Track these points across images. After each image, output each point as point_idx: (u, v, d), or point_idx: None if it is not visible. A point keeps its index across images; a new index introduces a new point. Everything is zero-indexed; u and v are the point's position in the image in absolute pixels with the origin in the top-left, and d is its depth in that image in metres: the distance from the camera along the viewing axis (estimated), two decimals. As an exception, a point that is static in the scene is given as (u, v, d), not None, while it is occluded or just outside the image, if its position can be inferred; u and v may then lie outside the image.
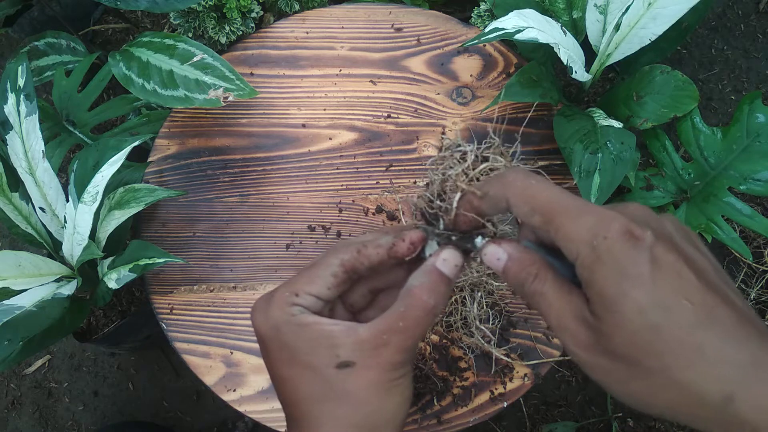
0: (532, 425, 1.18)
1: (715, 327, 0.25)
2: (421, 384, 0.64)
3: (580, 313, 0.28)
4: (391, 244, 0.33)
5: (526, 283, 0.30)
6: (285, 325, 0.31)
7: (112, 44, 1.40)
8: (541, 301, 0.30)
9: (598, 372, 0.28)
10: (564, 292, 0.29)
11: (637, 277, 0.26)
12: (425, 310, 0.31)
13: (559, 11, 0.80)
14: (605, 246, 0.26)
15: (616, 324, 0.26)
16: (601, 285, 0.26)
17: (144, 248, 0.66)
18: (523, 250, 0.31)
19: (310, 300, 0.32)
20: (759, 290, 1.18)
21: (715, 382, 0.25)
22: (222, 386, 0.66)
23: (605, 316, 0.27)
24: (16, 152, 0.67)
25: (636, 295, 0.26)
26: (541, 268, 0.30)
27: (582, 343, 0.28)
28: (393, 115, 0.75)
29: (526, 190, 0.29)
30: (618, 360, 0.27)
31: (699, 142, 0.83)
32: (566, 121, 0.71)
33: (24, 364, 1.24)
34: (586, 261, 0.27)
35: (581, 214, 0.28)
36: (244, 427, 1.18)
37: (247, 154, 0.74)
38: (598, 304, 0.27)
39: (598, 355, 0.27)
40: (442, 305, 0.31)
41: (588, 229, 0.27)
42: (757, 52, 1.36)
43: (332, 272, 0.32)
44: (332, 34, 0.78)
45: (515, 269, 0.30)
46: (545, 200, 0.28)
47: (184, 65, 0.69)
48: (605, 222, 0.27)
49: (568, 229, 0.28)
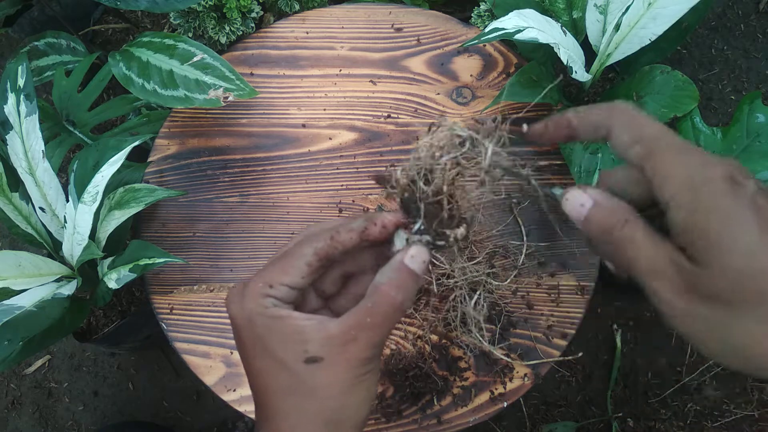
0: (532, 425, 1.18)
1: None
2: (421, 383, 0.64)
3: (677, 258, 0.27)
4: (363, 227, 0.33)
5: (614, 229, 0.28)
6: (258, 318, 0.32)
7: (112, 44, 1.40)
8: (630, 248, 0.28)
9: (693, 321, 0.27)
10: (656, 238, 0.28)
11: (743, 222, 0.25)
12: (393, 306, 0.31)
13: (559, 11, 0.80)
14: (708, 188, 0.26)
15: (721, 267, 0.26)
16: (705, 227, 0.26)
17: (144, 248, 0.66)
18: (609, 196, 0.30)
19: (283, 291, 0.32)
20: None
21: None
22: (222, 386, 0.66)
23: (710, 260, 0.26)
24: (16, 152, 0.67)
25: (743, 238, 0.25)
26: (631, 214, 0.29)
27: (678, 289, 0.27)
28: (393, 115, 0.75)
29: (635, 119, 0.28)
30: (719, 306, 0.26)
31: (699, 142, 0.83)
32: (566, 121, 0.71)
33: (24, 364, 1.24)
34: (686, 201, 0.26)
35: (685, 152, 0.27)
36: (244, 427, 1.18)
37: (247, 154, 0.74)
38: (700, 248, 0.26)
39: (696, 301, 0.26)
40: (409, 301, 0.31)
41: (690, 167, 0.26)
42: (757, 52, 1.36)
43: (306, 261, 0.32)
44: (332, 34, 0.78)
45: (602, 215, 0.29)
46: (652, 132, 0.28)
47: (184, 65, 0.69)
48: (710, 165, 0.26)
49: (669, 165, 0.27)
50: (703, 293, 0.26)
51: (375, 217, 0.33)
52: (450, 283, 0.66)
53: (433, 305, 0.67)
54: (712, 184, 0.26)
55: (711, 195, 0.26)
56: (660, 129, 0.28)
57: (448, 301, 0.66)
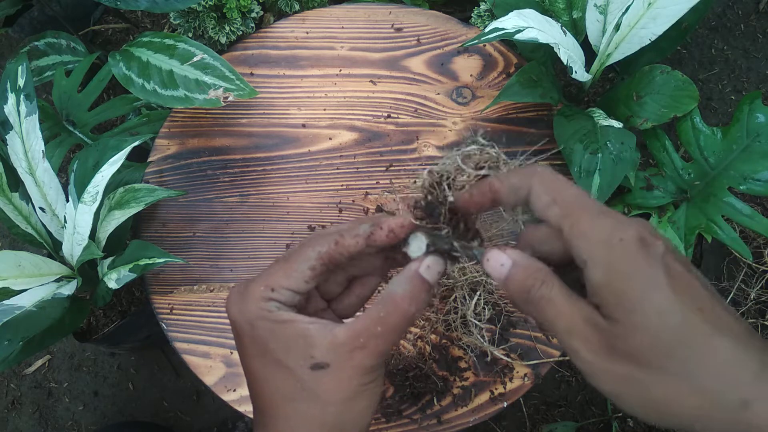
0: (532, 425, 1.18)
1: (726, 334, 0.26)
2: (421, 383, 0.64)
3: (592, 317, 0.28)
4: (369, 232, 0.32)
5: (532, 289, 0.29)
6: (260, 321, 0.31)
7: (112, 44, 1.40)
8: (548, 308, 0.29)
9: (612, 379, 0.28)
10: (572, 298, 0.29)
11: (655, 281, 0.26)
12: (405, 317, 0.30)
13: (559, 11, 0.80)
14: (621, 248, 0.27)
15: (634, 325, 0.26)
16: (618, 285, 0.26)
17: (144, 248, 0.66)
18: (527, 257, 0.30)
19: (286, 294, 0.32)
20: (759, 290, 1.18)
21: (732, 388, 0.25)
22: (222, 386, 0.66)
23: (623, 318, 0.26)
24: (16, 152, 0.67)
25: (655, 297, 0.26)
26: (548, 275, 0.29)
27: (595, 348, 0.27)
28: (393, 115, 0.75)
29: (553, 182, 0.29)
30: (635, 365, 0.27)
31: (699, 142, 0.83)
32: (566, 121, 0.71)
33: (24, 364, 1.24)
34: (601, 260, 0.27)
35: (600, 214, 0.28)
36: (244, 427, 1.18)
37: (247, 154, 0.74)
38: (613, 306, 0.27)
39: (613, 360, 0.27)
40: (420, 312, 0.31)
41: (605, 228, 0.27)
42: (757, 52, 1.36)
43: (309, 265, 0.32)
44: (332, 34, 0.78)
45: (520, 276, 0.30)
46: (569, 195, 0.29)
47: (184, 65, 0.69)
48: (623, 225, 0.27)
49: (584, 225, 0.28)
50: (618, 351, 0.27)
51: (381, 222, 0.32)
52: (450, 283, 0.66)
53: (433, 305, 0.67)
54: (625, 245, 0.27)
55: (624, 255, 0.27)
56: (577, 192, 0.29)
57: (448, 302, 0.66)
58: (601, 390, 0.28)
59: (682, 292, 0.26)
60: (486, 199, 0.31)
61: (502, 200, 0.31)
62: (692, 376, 0.26)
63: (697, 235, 0.84)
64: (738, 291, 1.20)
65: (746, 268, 1.22)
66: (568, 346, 0.29)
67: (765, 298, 1.18)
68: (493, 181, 0.31)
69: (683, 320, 0.26)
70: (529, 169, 0.30)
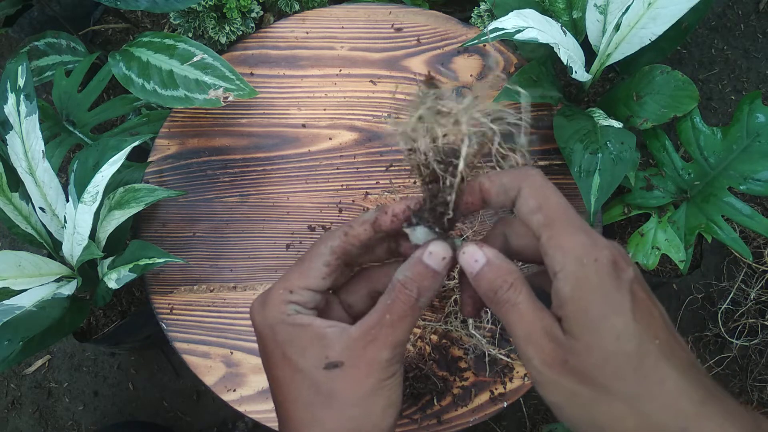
0: (532, 425, 1.18)
1: (676, 365, 0.27)
2: (421, 384, 0.64)
3: (551, 329, 0.28)
4: (374, 218, 0.32)
5: (500, 291, 0.29)
6: (279, 325, 0.31)
7: (112, 44, 1.40)
8: (511, 312, 0.29)
9: (559, 392, 0.28)
10: (536, 307, 0.29)
11: (619, 305, 0.27)
12: (410, 304, 0.30)
13: (559, 11, 0.80)
14: (594, 267, 0.27)
15: (590, 344, 0.27)
16: (582, 302, 0.27)
17: (144, 248, 0.66)
18: (502, 257, 0.30)
19: (306, 295, 0.32)
20: (759, 290, 1.18)
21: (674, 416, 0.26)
22: (222, 386, 0.66)
23: (581, 335, 0.27)
24: (16, 152, 0.67)
25: (616, 320, 0.27)
26: (518, 279, 0.29)
27: (549, 359, 0.28)
28: (393, 115, 0.75)
29: (542, 188, 0.29)
30: (585, 382, 0.27)
31: (699, 142, 0.83)
32: (566, 121, 0.71)
33: (24, 364, 1.24)
34: (572, 275, 0.27)
35: (580, 231, 0.28)
36: (244, 427, 1.18)
37: (247, 154, 0.74)
38: (575, 322, 0.27)
39: (563, 374, 0.28)
40: (427, 299, 0.31)
41: (582, 245, 0.28)
42: (757, 52, 1.36)
43: (324, 261, 0.32)
44: (332, 34, 0.78)
45: (491, 275, 0.30)
46: (554, 205, 0.29)
47: (184, 65, 0.69)
48: (599, 246, 0.28)
49: (563, 238, 0.28)
50: (570, 366, 0.27)
51: (386, 207, 0.32)
52: (450, 284, 0.66)
53: (433, 305, 0.67)
54: (598, 265, 0.27)
55: (595, 275, 0.27)
56: (563, 204, 0.29)
57: (448, 302, 0.66)
58: (546, 399, 0.29)
59: (642, 320, 0.27)
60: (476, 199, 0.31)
61: (491, 201, 0.31)
62: (637, 400, 0.27)
63: (697, 235, 0.84)
64: (738, 291, 1.20)
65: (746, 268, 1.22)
66: (522, 352, 0.29)
67: (765, 298, 1.18)
68: (483, 181, 0.31)
69: (639, 347, 0.27)
70: (521, 171, 0.30)
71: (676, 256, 0.84)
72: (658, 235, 0.86)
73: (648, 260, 0.86)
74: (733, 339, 1.19)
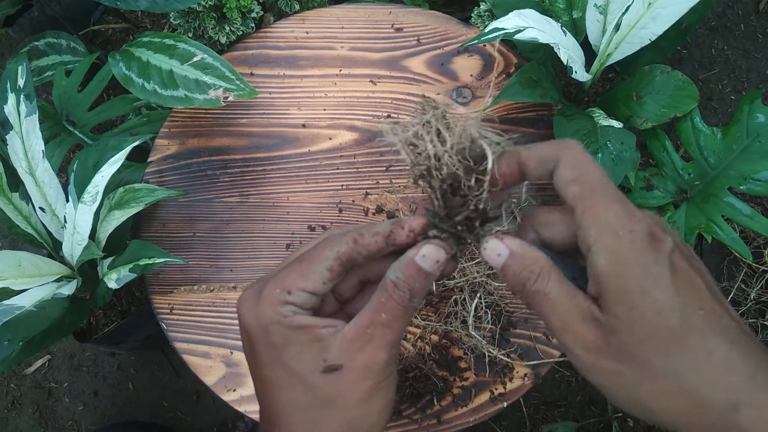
0: (532, 425, 1.18)
1: (724, 336, 0.26)
2: (421, 384, 0.64)
3: (588, 312, 0.27)
4: (389, 231, 0.31)
5: (527, 283, 0.28)
6: (274, 326, 0.30)
7: (112, 44, 1.40)
8: (543, 302, 0.28)
9: (603, 375, 0.28)
10: (569, 293, 0.28)
11: (659, 277, 0.26)
12: (403, 304, 0.30)
13: (559, 11, 0.80)
14: (629, 239, 0.26)
15: (632, 320, 0.26)
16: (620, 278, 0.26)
17: (144, 248, 0.66)
18: (526, 247, 0.29)
19: (303, 297, 0.30)
20: (759, 290, 1.18)
21: (723, 390, 0.25)
22: (222, 386, 0.66)
23: (621, 312, 0.26)
24: (16, 152, 0.67)
25: (657, 294, 0.26)
26: (545, 267, 0.28)
27: (589, 345, 0.27)
28: (393, 115, 0.75)
29: (581, 160, 0.29)
30: (627, 361, 0.26)
31: (699, 142, 0.83)
32: (566, 121, 0.71)
33: (24, 364, 1.24)
34: (607, 248, 0.26)
35: (615, 201, 0.27)
36: (244, 427, 1.18)
37: (247, 154, 0.74)
38: (613, 299, 0.26)
39: (606, 357, 0.27)
40: (420, 299, 0.30)
41: (616, 216, 0.27)
42: (757, 52, 1.36)
43: (327, 266, 0.30)
44: (332, 34, 0.78)
45: (516, 267, 0.29)
46: (593, 177, 0.28)
47: (184, 65, 0.69)
48: (635, 218, 0.27)
49: (598, 209, 0.27)
50: (612, 346, 0.27)
51: (402, 221, 0.31)
52: (450, 284, 0.66)
53: (433, 305, 0.67)
54: (634, 237, 0.26)
55: (631, 247, 0.26)
56: (601, 175, 0.28)
57: (448, 303, 0.66)
58: (592, 382, 0.29)
59: (685, 292, 0.26)
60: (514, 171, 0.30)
61: (530, 172, 0.30)
62: (682, 376, 0.26)
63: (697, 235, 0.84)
64: (738, 291, 1.20)
65: (746, 268, 1.22)
66: (561, 341, 0.28)
67: (765, 298, 1.18)
68: (522, 151, 0.30)
69: (682, 320, 0.26)
70: (560, 143, 0.29)
71: (676, 256, 0.84)
72: (658, 235, 0.86)
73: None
74: (733, 339, 1.19)
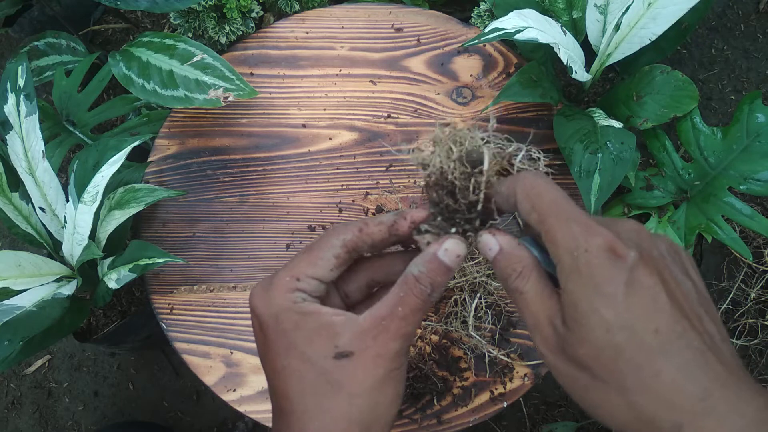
0: (532, 425, 1.18)
1: (675, 356, 0.26)
2: (421, 384, 0.64)
3: (553, 318, 0.29)
4: (393, 221, 0.32)
5: (509, 279, 0.30)
6: (285, 313, 0.31)
7: (112, 44, 1.40)
8: (519, 299, 0.30)
9: (562, 375, 0.29)
10: (544, 295, 0.30)
11: (610, 296, 0.26)
12: (423, 298, 0.31)
13: (559, 11, 0.80)
14: (585, 259, 0.27)
15: (582, 336, 0.27)
16: (573, 296, 0.27)
17: (144, 248, 0.66)
18: (515, 245, 0.31)
19: (312, 284, 0.32)
20: (759, 290, 1.18)
21: (668, 411, 0.26)
22: (222, 386, 0.66)
23: (574, 327, 0.27)
24: (16, 152, 0.67)
25: (605, 313, 0.26)
26: (527, 267, 0.30)
27: (550, 346, 0.29)
28: (393, 115, 0.75)
29: (533, 188, 0.29)
30: (581, 369, 0.28)
31: (699, 142, 0.83)
32: (566, 121, 0.71)
33: (24, 364, 1.24)
34: (565, 268, 0.28)
35: (570, 221, 0.28)
36: (244, 427, 1.18)
37: (247, 154, 0.74)
38: (568, 314, 0.28)
39: (564, 360, 0.28)
40: (439, 294, 0.31)
41: (572, 237, 0.28)
42: (757, 52, 1.36)
43: (334, 253, 0.32)
44: (332, 34, 0.78)
45: (503, 262, 0.31)
46: (546, 200, 0.29)
47: (184, 65, 0.69)
48: (590, 235, 0.27)
49: (555, 233, 0.28)
50: (568, 354, 0.28)
51: (405, 213, 0.33)
52: (450, 284, 0.66)
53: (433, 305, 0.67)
54: (589, 255, 0.27)
55: (585, 265, 0.27)
56: (553, 197, 0.29)
57: (448, 303, 0.66)
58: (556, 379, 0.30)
59: (639, 311, 0.26)
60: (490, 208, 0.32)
61: (502, 209, 0.32)
62: (630, 392, 0.26)
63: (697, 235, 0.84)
64: (738, 291, 1.20)
65: (746, 268, 1.22)
66: (532, 337, 0.30)
67: (765, 298, 1.18)
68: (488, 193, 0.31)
69: (630, 338, 0.26)
70: (514, 177, 0.31)
71: (676, 256, 0.84)
72: (658, 235, 0.86)
73: (648, 260, 0.86)
74: (733, 339, 1.19)
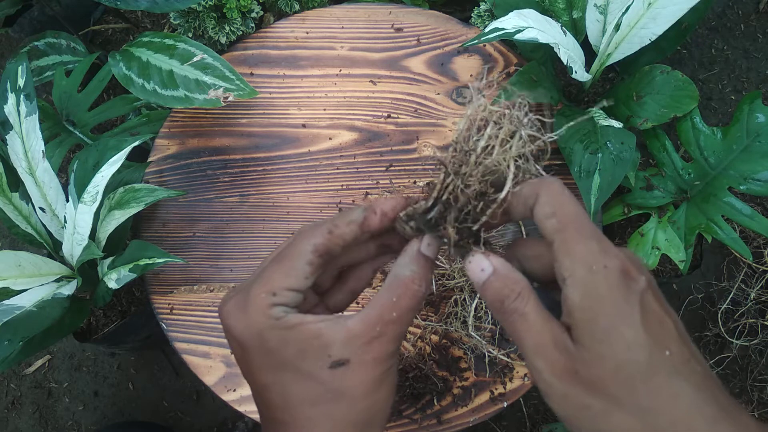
0: (532, 425, 1.18)
1: (690, 378, 0.26)
2: (421, 384, 0.64)
3: (561, 339, 0.28)
4: (363, 218, 0.31)
5: (506, 300, 0.29)
6: (269, 331, 0.30)
7: (112, 44, 1.40)
8: (519, 322, 0.29)
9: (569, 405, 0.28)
10: (545, 318, 0.29)
11: (629, 314, 0.27)
12: (416, 298, 0.30)
13: (559, 11, 0.80)
14: (603, 274, 0.27)
15: (601, 353, 0.27)
16: (591, 312, 0.27)
17: (144, 248, 0.66)
18: (509, 267, 0.30)
19: (289, 296, 0.30)
20: (759, 290, 1.18)
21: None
22: (222, 386, 0.66)
23: (591, 344, 0.27)
24: (16, 152, 0.67)
25: (626, 330, 0.26)
26: (525, 288, 0.29)
27: (558, 371, 0.28)
28: (393, 115, 0.75)
29: (559, 195, 0.29)
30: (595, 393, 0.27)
31: (699, 142, 0.83)
32: (566, 121, 0.71)
33: (24, 364, 1.24)
34: (580, 282, 0.27)
35: (591, 238, 0.28)
36: (244, 427, 1.18)
37: (247, 154, 0.74)
38: (584, 331, 0.27)
39: (573, 385, 0.27)
40: (428, 290, 0.31)
41: (592, 252, 0.27)
42: (757, 52, 1.36)
43: (307, 260, 0.30)
44: (332, 34, 0.78)
45: (498, 284, 0.29)
46: (569, 211, 0.29)
47: (184, 65, 0.69)
48: (610, 254, 0.27)
49: (574, 244, 0.28)
50: (580, 377, 0.27)
51: (374, 206, 0.31)
52: (450, 284, 0.66)
53: (433, 305, 0.67)
54: (608, 273, 0.27)
55: (604, 283, 0.27)
56: (578, 211, 0.29)
57: (448, 303, 0.66)
58: (555, 412, 0.29)
59: (653, 331, 0.27)
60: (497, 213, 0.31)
61: (513, 212, 0.31)
62: (648, 414, 0.26)
63: (697, 235, 0.84)
64: (738, 291, 1.20)
65: (746, 268, 1.22)
66: (531, 364, 0.29)
67: (765, 298, 1.18)
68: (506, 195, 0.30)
69: (649, 358, 0.26)
70: (540, 180, 0.30)
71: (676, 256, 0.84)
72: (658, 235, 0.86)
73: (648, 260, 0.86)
74: (733, 339, 1.19)
